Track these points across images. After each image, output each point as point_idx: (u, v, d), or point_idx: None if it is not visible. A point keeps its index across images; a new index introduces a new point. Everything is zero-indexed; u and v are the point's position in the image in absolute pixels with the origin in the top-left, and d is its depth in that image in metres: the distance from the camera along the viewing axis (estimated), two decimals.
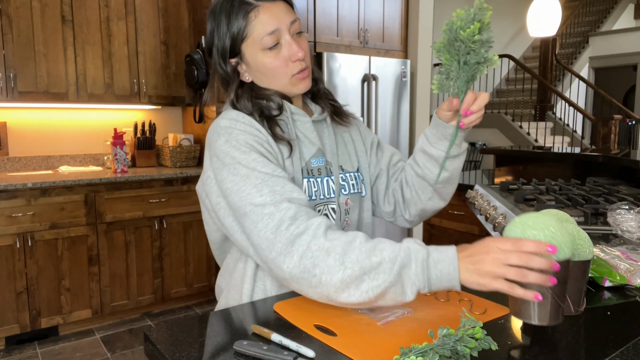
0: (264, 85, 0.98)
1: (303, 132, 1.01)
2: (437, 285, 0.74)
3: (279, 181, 0.85)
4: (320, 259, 0.76)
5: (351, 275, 0.74)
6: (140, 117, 3.50)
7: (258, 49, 0.93)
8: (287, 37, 0.93)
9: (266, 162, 0.87)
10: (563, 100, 6.39)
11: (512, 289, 0.68)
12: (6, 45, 2.76)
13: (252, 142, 0.89)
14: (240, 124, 0.91)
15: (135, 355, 2.59)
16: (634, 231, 1.18)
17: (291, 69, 0.95)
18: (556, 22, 3.51)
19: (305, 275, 0.77)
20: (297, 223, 0.80)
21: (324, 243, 0.77)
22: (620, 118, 5.74)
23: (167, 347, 0.72)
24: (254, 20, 0.91)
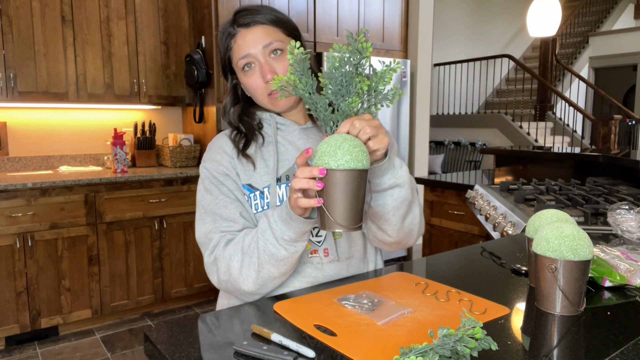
0: (253, 100, 1.09)
1: (289, 140, 1.08)
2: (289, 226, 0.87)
3: (217, 212, 1.01)
4: (224, 267, 0.96)
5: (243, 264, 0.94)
6: (140, 117, 3.50)
7: (239, 70, 1.05)
8: (260, 59, 1.01)
9: (214, 189, 1.03)
10: (563, 100, 6.39)
11: (303, 202, 0.81)
12: (6, 45, 2.76)
13: (211, 168, 1.05)
14: (213, 149, 1.08)
15: (135, 355, 2.59)
16: (634, 231, 1.18)
17: (265, 90, 1.03)
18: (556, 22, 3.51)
19: (224, 285, 0.98)
20: (215, 250, 0.99)
21: (221, 255, 0.97)
22: (620, 118, 5.73)
23: (167, 347, 0.72)
24: (234, 45, 1.04)
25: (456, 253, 1.23)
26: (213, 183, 1.04)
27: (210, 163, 1.06)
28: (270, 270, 0.92)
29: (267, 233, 0.90)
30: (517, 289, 0.94)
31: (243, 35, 1.02)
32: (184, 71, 3.31)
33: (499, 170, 2.82)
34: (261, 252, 0.91)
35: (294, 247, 0.90)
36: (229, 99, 1.12)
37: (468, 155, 6.84)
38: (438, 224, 2.78)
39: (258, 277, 0.93)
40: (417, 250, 4.03)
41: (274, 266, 0.92)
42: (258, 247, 0.92)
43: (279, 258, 0.91)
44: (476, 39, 7.79)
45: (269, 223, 0.90)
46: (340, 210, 0.78)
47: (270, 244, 0.90)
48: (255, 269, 0.92)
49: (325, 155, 0.78)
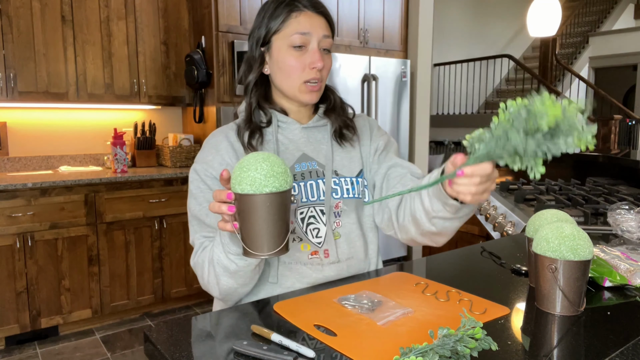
0: (277, 82, 1.04)
1: (289, 138, 1.06)
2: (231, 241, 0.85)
3: (201, 218, 0.99)
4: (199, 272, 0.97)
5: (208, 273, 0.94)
6: (140, 117, 3.50)
7: (285, 44, 1.00)
8: (314, 45, 1.00)
9: (198, 194, 1.01)
10: None
11: (221, 225, 0.81)
12: (6, 45, 2.76)
13: (199, 170, 1.02)
14: (204, 150, 1.05)
15: (135, 355, 2.59)
16: (634, 231, 1.18)
17: (305, 75, 1.00)
18: (556, 22, 3.51)
19: (205, 287, 0.99)
20: (196, 255, 0.99)
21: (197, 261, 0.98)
22: (620, 118, 5.73)
23: (167, 347, 0.72)
24: (293, 19, 0.99)
25: (456, 253, 1.23)
26: (199, 188, 1.02)
27: (200, 165, 1.03)
28: (228, 282, 0.92)
29: (218, 246, 0.89)
30: (517, 289, 0.94)
31: (310, 15, 1.00)
32: (184, 71, 3.31)
33: (498, 171, 2.82)
34: (216, 263, 0.90)
35: (244, 260, 0.87)
36: (254, 76, 1.05)
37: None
38: None
39: (219, 287, 0.93)
40: (417, 250, 4.03)
41: (230, 278, 0.91)
42: (213, 259, 0.91)
43: (231, 271, 0.89)
44: (476, 39, 7.79)
45: (219, 236, 0.88)
46: (253, 236, 0.74)
47: (223, 256, 0.88)
48: (215, 280, 0.93)
49: (234, 178, 0.75)
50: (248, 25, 3.24)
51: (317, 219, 1.04)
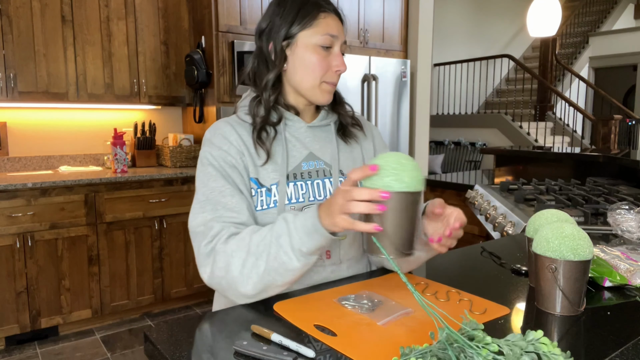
0: (297, 79, 1.03)
1: (296, 137, 1.06)
2: (312, 240, 0.81)
3: (220, 200, 0.95)
4: (223, 263, 0.89)
5: (247, 265, 0.86)
6: (140, 117, 3.50)
7: (313, 42, 1.00)
8: (337, 48, 1.03)
9: (218, 177, 0.97)
10: (563, 100, 6.39)
11: (352, 225, 0.75)
12: (6, 45, 2.76)
13: (217, 156, 0.99)
14: (216, 137, 1.01)
15: (135, 355, 2.59)
16: (634, 231, 1.18)
17: (328, 76, 1.02)
18: (556, 22, 3.51)
19: (217, 281, 0.91)
20: (213, 240, 0.92)
21: (222, 249, 0.90)
22: (620, 118, 5.73)
23: (167, 347, 0.72)
24: (322, 19, 1.01)
25: (456, 253, 1.23)
26: (219, 171, 0.97)
27: (217, 151, 0.99)
28: (275, 278, 0.86)
29: (283, 239, 0.84)
30: (517, 289, 0.94)
31: (335, 20, 1.02)
32: (184, 71, 3.31)
33: (499, 170, 2.82)
34: (271, 257, 0.84)
35: (308, 259, 0.84)
36: (274, 74, 1.03)
37: (468, 155, 6.84)
38: None
39: (260, 281, 0.86)
40: None
41: (280, 275, 0.85)
42: (269, 252, 0.84)
43: (288, 268, 0.84)
44: (476, 39, 7.79)
45: (289, 230, 0.83)
46: (398, 236, 0.72)
47: (284, 251, 0.83)
48: (258, 273, 0.86)
49: (387, 175, 0.72)
50: (248, 25, 3.24)
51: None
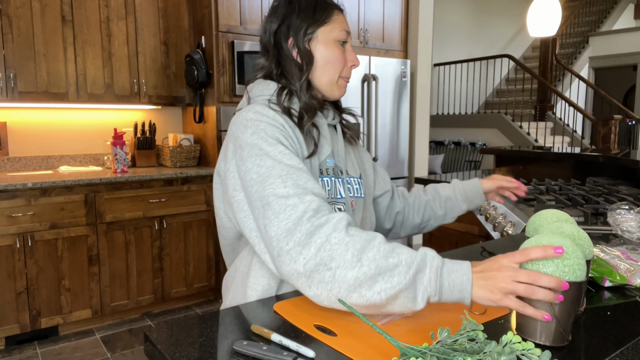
0: (317, 74, 1.04)
1: (322, 133, 1.06)
2: (449, 294, 0.73)
3: (302, 175, 0.86)
4: (338, 253, 0.76)
5: (366, 273, 0.74)
6: (140, 117, 3.50)
7: (332, 37, 1.03)
8: (349, 45, 1.07)
9: (292, 155, 0.89)
10: (563, 100, 6.39)
11: (524, 308, 0.68)
12: (6, 45, 2.76)
13: (279, 135, 0.92)
14: (266, 118, 0.94)
15: (135, 355, 2.59)
16: (634, 231, 1.18)
17: (345, 71, 1.06)
18: (556, 22, 3.51)
19: (320, 268, 0.76)
20: (318, 215, 0.80)
21: (343, 237, 0.77)
22: (620, 118, 5.73)
23: (167, 347, 0.72)
24: (336, 16, 1.05)
25: (456, 253, 1.23)
26: (287, 146, 0.91)
27: (278, 130, 0.92)
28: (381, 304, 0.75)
29: (421, 279, 0.74)
30: None
31: (343, 16, 1.07)
32: (184, 71, 3.31)
33: (499, 170, 2.82)
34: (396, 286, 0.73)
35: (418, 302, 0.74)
36: (305, 76, 1.01)
37: (468, 155, 6.84)
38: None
39: (366, 301, 0.74)
40: None
41: (391, 305, 0.75)
42: (399, 281, 0.73)
43: (406, 306, 0.74)
44: (476, 39, 7.79)
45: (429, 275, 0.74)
46: (566, 322, 0.69)
47: (414, 289, 0.74)
48: (373, 290, 0.74)
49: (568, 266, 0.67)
50: (248, 25, 3.24)
51: None
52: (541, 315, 0.67)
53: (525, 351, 0.60)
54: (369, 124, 3.80)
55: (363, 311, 0.76)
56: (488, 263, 0.74)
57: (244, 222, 0.90)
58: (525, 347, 0.60)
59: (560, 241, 0.69)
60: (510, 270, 0.70)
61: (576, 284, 0.67)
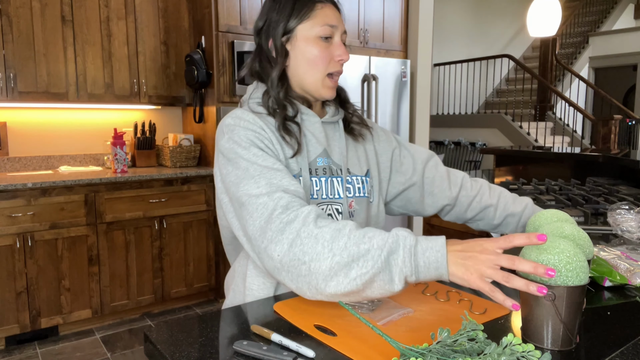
0: (300, 74, 1.02)
1: (311, 132, 1.04)
2: (425, 273, 0.73)
3: (276, 174, 0.87)
4: (309, 246, 0.77)
5: (339, 262, 0.75)
6: (140, 117, 3.50)
7: (313, 34, 0.99)
8: (338, 38, 1.01)
9: (266, 156, 0.91)
10: (563, 100, 6.39)
11: (493, 292, 0.68)
12: (6, 45, 2.75)
13: (253, 138, 0.93)
14: (243, 122, 0.95)
15: (135, 355, 2.59)
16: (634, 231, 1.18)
17: (331, 67, 1.01)
18: (556, 22, 3.51)
19: (295, 263, 0.77)
20: (288, 212, 0.81)
21: (312, 230, 0.78)
22: (620, 118, 5.73)
23: (167, 347, 0.72)
24: (320, 10, 0.99)
25: None
26: (264, 150, 0.92)
27: (253, 133, 0.93)
28: (363, 290, 0.75)
29: (394, 259, 0.74)
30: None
31: (333, 9, 1.01)
32: (184, 71, 3.31)
33: (499, 170, 2.82)
34: (371, 270, 0.73)
35: (405, 287, 0.76)
36: (277, 71, 1.00)
37: (468, 155, 6.84)
38: (438, 224, 2.78)
39: (345, 287, 0.75)
40: None
41: (371, 289, 0.75)
42: (374, 264, 0.73)
43: (386, 289, 0.75)
44: (476, 39, 7.79)
45: (403, 253, 0.74)
46: (573, 325, 0.69)
47: (389, 271, 0.74)
48: (348, 277, 0.74)
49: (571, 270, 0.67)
50: (248, 25, 3.24)
51: (334, 218, 1.01)
52: (510, 304, 0.67)
53: (525, 353, 0.60)
54: None
55: (344, 299, 0.77)
56: (471, 243, 0.74)
57: (233, 224, 0.92)
58: (526, 348, 0.60)
59: (562, 244, 0.69)
60: (492, 254, 0.70)
61: (580, 288, 0.67)
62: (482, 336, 0.65)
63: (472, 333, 0.65)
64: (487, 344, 0.63)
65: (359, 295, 0.76)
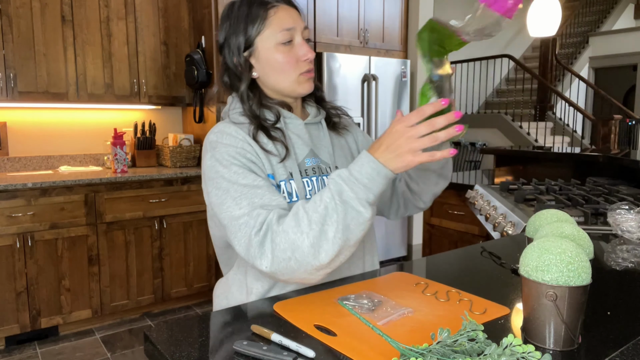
0: (272, 82, 1.02)
1: (296, 134, 1.05)
2: (375, 184, 0.80)
3: (257, 192, 0.90)
4: (284, 242, 0.82)
5: (314, 234, 0.80)
6: (140, 117, 3.50)
7: (272, 43, 0.98)
8: (299, 38, 1.00)
9: (247, 173, 0.92)
10: (563, 100, 6.39)
11: (433, 156, 0.78)
12: (6, 45, 2.75)
13: (234, 154, 0.94)
14: (225, 137, 0.97)
15: (135, 355, 2.59)
16: (634, 231, 1.18)
17: (300, 68, 1.00)
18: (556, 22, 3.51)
19: (283, 264, 0.83)
20: (263, 226, 0.85)
21: (279, 229, 0.83)
22: (620, 118, 5.73)
23: (167, 347, 0.72)
24: (273, 16, 0.98)
25: (456, 253, 1.23)
26: (244, 167, 0.93)
27: (234, 149, 0.95)
28: (348, 238, 0.81)
29: (347, 195, 0.80)
30: (517, 289, 0.94)
31: (286, 10, 1.00)
32: (184, 71, 3.31)
33: (499, 170, 2.82)
34: (340, 218, 0.80)
35: (374, 208, 0.83)
36: (245, 85, 1.01)
37: (468, 155, 6.84)
38: (438, 224, 2.78)
39: (332, 247, 0.80)
40: (417, 250, 4.03)
41: (353, 232, 0.81)
42: (337, 213, 0.80)
43: (360, 222, 0.81)
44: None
45: (349, 185, 0.80)
46: (575, 325, 0.69)
47: (351, 206, 0.80)
48: (328, 239, 0.80)
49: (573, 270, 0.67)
50: None
51: None
52: (447, 153, 0.78)
53: (525, 354, 0.60)
54: (369, 124, 3.80)
55: (343, 258, 0.84)
56: (388, 136, 0.82)
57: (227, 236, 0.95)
58: (526, 349, 0.60)
59: (564, 244, 0.69)
60: (408, 132, 0.79)
61: (582, 288, 0.67)
62: (482, 336, 0.65)
63: (472, 333, 0.65)
64: (487, 344, 0.63)
65: (350, 244, 0.82)
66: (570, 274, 0.67)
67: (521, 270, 0.71)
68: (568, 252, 0.68)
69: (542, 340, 0.69)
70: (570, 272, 0.67)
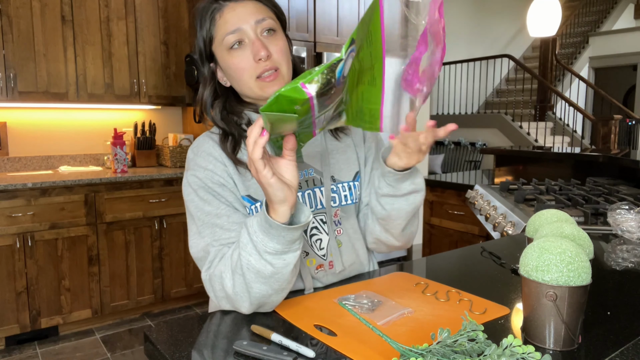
0: (237, 89, 0.96)
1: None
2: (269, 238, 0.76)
3: (217, 222, 0.89)
4: (218, 286, 0.84)
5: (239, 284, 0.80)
6: (140, 117, 3.50)
7: (224, 49, 0.91)
8: (251, 35, 0.90)
9: (211, 200, 0.91)
10: (563, 100, 6.39)
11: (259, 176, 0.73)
12: (6, 45, 2.75)
13: (203, 177, 0.92)
14: (199, 156, 0.94)
15: (135, 355, 2.59)
16: (634, 231, 1.18)
17: (255, 70, 0.90)
18: (556, 22, 3.51)
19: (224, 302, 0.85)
20: (212, 265, 0.87)
21: (216, 273, 0.85)
22: (620, 118, 5.73)
23: (167, 347, 0.72)
24: (219, 20, 0.91)
25: (456, 253, 1.23)
26: (210, 193, 0.91)
27: (203, 172, 0.92)
28: (260, 289, 0.79)
29: (249, 247, 0.78)
30: (517, 289, 0.94)
31: (232, 8, 0.90)
32: (184, 71, 3.31)
33: (499, 170, 2.82)
34: (245, 269, 0.78)
35: (282, 260, 0.77)
36: (208, 92, 0.96)
37: (468, 155, 6.84)
38: (438, 224, 2.78)
39: (250, 297, 0.80)
40: (417, 250, 4.03)
41: (263, 284, 0.79)
42: (242, 264, 0.79)
43: (266, 275, 0.78)
44: (476, 39, 7.79)
45: (249, 234, 0.78)
46: (575, 324, 0.69)
47: (254, 259, 0.77)
48: (245, 289, 0.80)
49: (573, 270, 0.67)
50: None
51: (319, 230, 0.99)
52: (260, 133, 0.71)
53: (525, 354, 0.60)
54: None
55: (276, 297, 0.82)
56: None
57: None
58: (526, 350, 0.60)
59: (564, 244, 0.69)
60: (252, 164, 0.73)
61: (582, 288, 0.67)
62: (482, 337, 0.65)
63: (472, 333, 0.65)
64: (487, 344, 0.63)
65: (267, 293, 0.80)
66: (570, 274, 0.67)
67: (521, 270, 0.71)
68: (568, 252, 0.68)
69: (542, 340, 0.69)
70: (570, 272, 0.67)
